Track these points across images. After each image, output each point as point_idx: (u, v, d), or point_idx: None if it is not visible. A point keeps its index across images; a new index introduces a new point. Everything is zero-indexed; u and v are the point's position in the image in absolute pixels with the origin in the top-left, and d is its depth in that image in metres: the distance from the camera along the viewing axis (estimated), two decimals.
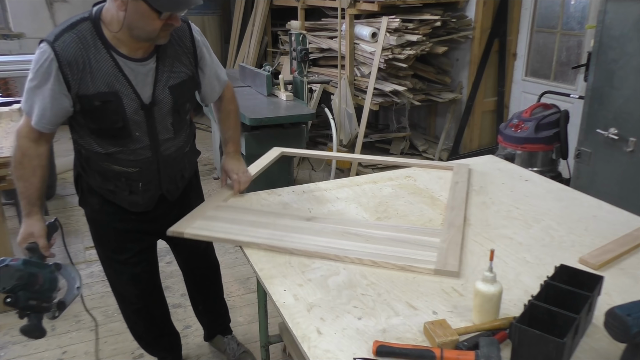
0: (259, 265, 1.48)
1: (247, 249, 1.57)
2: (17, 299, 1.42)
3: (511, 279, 1.40)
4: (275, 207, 1.86)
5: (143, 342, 2.25)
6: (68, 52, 1.52)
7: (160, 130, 1.72)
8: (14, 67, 4.54)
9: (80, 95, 1.56)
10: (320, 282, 1.39)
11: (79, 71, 1.54)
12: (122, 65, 1.59)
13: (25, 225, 1.65)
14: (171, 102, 1.70)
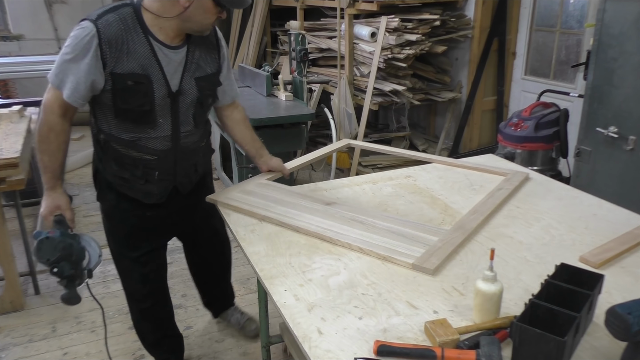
0: (260, 266, 1.48)
1: (247, 250, 1.57)
2: (62, 269, 1.48)
3: (512, 278, 1.40)
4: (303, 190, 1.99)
5: (146, 342, 2.27)
6: (109, 30, 1.58)
7: (182, 121, 1.78)
8: (14, 69, 4.54)
9: (115, 73, 1.61)
10: (320, 282, 1.39)
11: (117, 50, 1.59)
12: (157, 50, 1.66)
13: (50, 199, 1.70)
14: (196, 93, 1.77)
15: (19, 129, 2.87)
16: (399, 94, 4.33)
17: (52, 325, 2.70)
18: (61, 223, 1.61)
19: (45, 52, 6.11)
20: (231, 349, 2.53)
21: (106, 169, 1.82)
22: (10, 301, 2.78)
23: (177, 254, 3.41)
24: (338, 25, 4.60)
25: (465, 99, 4.61)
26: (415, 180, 2.13)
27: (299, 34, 3.71)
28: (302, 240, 1.62)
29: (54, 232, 1.52)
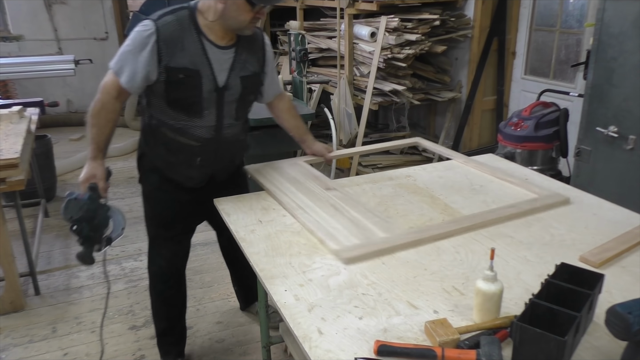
0: (260, 266, 1.48)
1: (247, 250, 1.57)
2: (81, 228, 1.64)
3: (512, 277, 1.40)
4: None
5: (158, 329, 2.36)
6: (167, 30, 1.79)
7: (225, 114, 1.96)
8: (14, 69, 4.53)
9: (169, 67, 1.81)
10: (320, 282, 1.39)
11: (172, 47, 1.80)
12: (208, 49, 1.85)
13: (90, 167, 1.86)
14: (240, 90, 1.95)
15: (19, 130, 2.86)
16: (398, 93, 4.33)
17: (52, 325, 2.70)
18: (94, 190, 1.75)
19: (45, 52, 6.11)
20: (231, 349, 2.53)
21: (153, 153, 2.03)
22: (11, 302, 2.78)
23: None
24: (338, 25, 4.60)
25: (465, 98, 4.61)
26: (415, 180, 2.13)
27: (299, 34, 3.71)
28: (302, 240, 1.62)
29: (84, 195, 1.68)
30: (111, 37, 6.68)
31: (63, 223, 3.86)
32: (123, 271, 3.20)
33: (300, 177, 2.08)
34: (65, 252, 3.45)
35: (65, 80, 6.39)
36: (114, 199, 4.27)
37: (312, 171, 2.16)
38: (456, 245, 1.59)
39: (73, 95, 6.63)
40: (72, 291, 3.00)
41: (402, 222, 1.74)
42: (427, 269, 1.46)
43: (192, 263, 3.26)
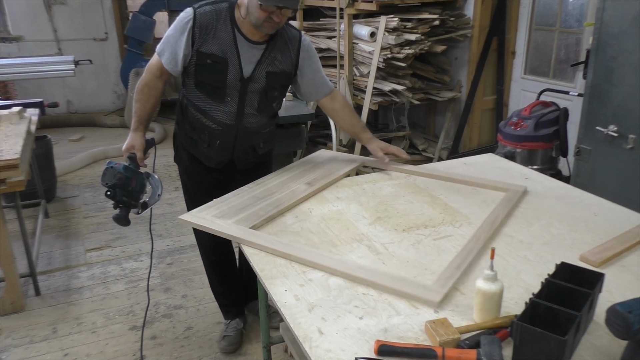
0: (260, 266, 1.48)
1: (248, 250, 1.58)
2: (114, 194, 1.79)
3: (512, 277, 1.40)
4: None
5: (216, 294, 2.58)
6: (203, 18, 1.96)
7: (247, 104, 2.08)
8: (13, 70, 4.54)
9: (200, 52, 1.97)
10: (321, 282, 1.39)
11: (205, 34, 1.96)
12: (239, 40, 1.99)
13: (131, 139, 2.03)
14: (264, 84, 2.06)
15: (18, 130, 2.86)
16: (398, 93, 4.33)
17: (52, 326, 2.70)
18: (132, 160, 1.92)
19: (44, 53, 6.12)
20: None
21: (181, 131, 2.20)
22: (11, 302, 2.78)
23: (177, 254, 3.41)
24: (337, 25, 4.60)
25: (465, 98, 4.61)
26: (415, 179, 2.13)
27: None
28: (302, 241, 1.62)
29: (120, 164, 1.83)
30: (111, 38, 6.69)
31: (63, 224, 3.87)
32: (123, 272, 3.20)
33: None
34: (65, 252, 3.45)
35: (65, 81, 6.40)
36: None
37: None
38: (456, 245, 1.59)
39: (73, 96, 6.64)
40: (72, 292, 3.00)
41: (402, 222, 1.74)
42: (427, 268, 1.46)
43: (192, 263, 3.27)
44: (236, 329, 2.55)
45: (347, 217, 1.79)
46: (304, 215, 1.81)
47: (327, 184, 2.06)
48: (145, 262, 3.30)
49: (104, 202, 4.21)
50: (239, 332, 2.56)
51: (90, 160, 5.12)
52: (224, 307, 2.59)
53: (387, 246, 1.58)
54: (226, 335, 2.52)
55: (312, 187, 2.00)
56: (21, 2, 6.06)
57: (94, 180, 4.70)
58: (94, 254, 3.42)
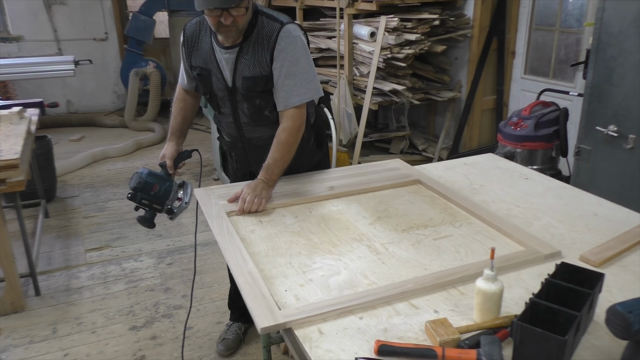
0: (260, 266, 1.48)
1: (248, 250, 1.57)
2: (134, 196, 1.85)
3: (512, 277, 1.40)
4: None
5: (231, 291, 2.60)
6: (189, 31, 2.02)
7: (240, 114, 2.05)
8: (13, 70, 4.54)
9: (191, 65, 2.04)
10: (321, 282, 1.39)
11: (191, 46, 2.01)
12: (216, 50, 1.95)
13: (164, 148, 2.08)
14: (245, 91, 1.96)
15: (18, 131, 2.87)
16: (398, 93, 4.33)
17: (52, 326, 2.70)
18: (162, 167, 1.97)
19: (44, 53, 6.12)
20: None
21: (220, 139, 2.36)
22: (11, 302, 2.78)
23: (177, 254, 3.41)
24: (337, 25, 4.60)
25: (465, 98, 4.61)
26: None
27: None
28: (302, 241, 1.62)
29: (146, 170, 1.89)
30: (111, 38, 6.69)
31: (63, 224, 3.87)
32: (123, 272, 3.20)
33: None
34: (65, 252, 3.45)
35: (65, 81, 6.40)
36: (114, 200, 4.27)
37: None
38: (456, 245, 1.59)
39: (73, 96, 6.64)
40: (72, 292, 3.00)
41: (402, 222, 1.74)
42: (427, 268, 1.46)
43: (192, 263, 3.27)
44: (235, 333, 2.55)
45: (347, 217, 1.79)
46: (303, 215, 1.81)
47: (349, 192, 1.95)
48: (145, 262, 3.30)
49: (104, 202, 4.21)
50: (238, 336, 2.55)
51: (90, 160, 5.13)
52: (232, 306, 2.60)
53: (387, 246, 1.58)
54: (225, 338, 2.53)
55: (332, 191, 1.95)
56: (21, 2, 6.06)
57: (94, 180, 4.70)
58: (94, 254, 3.41)
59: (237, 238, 1.59)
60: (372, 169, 2.20)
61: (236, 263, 1.45)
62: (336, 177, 2.10)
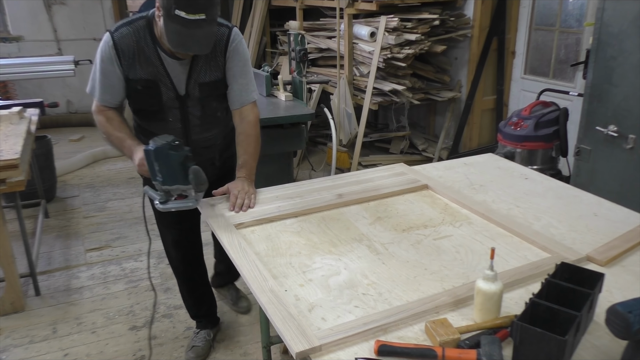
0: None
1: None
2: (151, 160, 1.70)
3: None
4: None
5: (186, 303, 2.52)
6: (123, 42, 1.81)
7: (191, 120, 1.98)
8: (13, 70, 4.53)
9: (128, 79, 1.86)
10: (321, 282, 1.39)
11: (129, 59, 1.82)
12: (164, 59, 1.85)
13: (136, 155, 1.83)
14: (199, 97, 1.94)
15: (18, 131, 2.86)
16: (398, 93, 4.33)
17: (52, 326, 2.70)
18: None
19: (44, 53, 6.11)
20: (232, 350, 2.53)
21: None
22: (11, 302, 2.78)
23: None
24: (337, 25, 4.60)
25: (465, 98, 4.61)
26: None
27: (299, 34, 3.71)
28: (302, 241, 1.62)
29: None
30: None
31: (63, 224, 3.87)
32: (123, 271, 3.20)
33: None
34: (65, 252, 3.45)
35: (65, 81, 6.39)
36: (114, 200, 4.27)
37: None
38: (456, 245, 1.59)
39: (73, 96, 6.63)
40: (72, 292, 3.00)
41: (402, 222, 1.74)
42: (427, 268, 1.46)
43: None
44: (205, 340, 2.50)
45: (347, 217, 1.79)
46: (303, 215, 1.80)
47: (358, 200, 1.90)
48: (146, 262, 3.30)
49: (104, 202, 4.21)
50: (208, 342, 2.51)
51: (90, 160, 5.13)
52: (195, 317, 2.55)
53: (387, 246, 1.58)
54: (195, 346, 2.46)
55: (341, 199, 1.89)
56: (21, 2, 6.06)
57: (94, 180, 4.70)
58: (94, 254, 3.41)
59: (252, 253, 1.52)
60: (379, 174, 2.14)
61: (255, 281, 1.38)
62: (343, 184, 2.03)
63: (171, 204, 1.75)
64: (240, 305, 2.80)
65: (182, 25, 1.65)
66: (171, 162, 1.67)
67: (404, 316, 1.23)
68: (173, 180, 1.70)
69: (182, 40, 1.69)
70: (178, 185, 1.72)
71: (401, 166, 2.25)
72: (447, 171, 2.21)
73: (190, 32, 1.67)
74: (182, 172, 1.69)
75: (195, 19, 1.65)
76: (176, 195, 1.76)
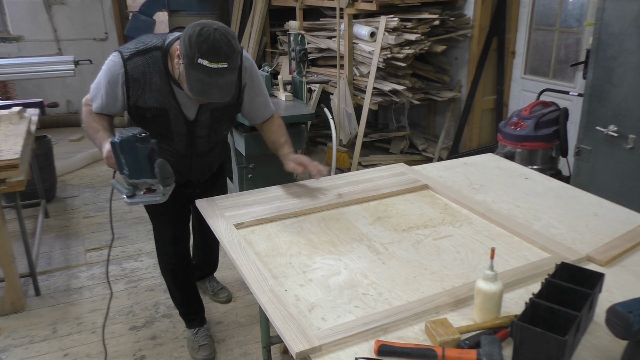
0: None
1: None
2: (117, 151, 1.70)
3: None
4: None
5: (176, 302, 2.55)
6: (136, 72, 1.84)
7: (198, 141, 2.06)
8: (13, 70, 4.53)
9: (137, 106, 1.90)
10: (321, 282, 1.39)
11: (140, 88, 1.86)
12: (176, 91, 1.90)
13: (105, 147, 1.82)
14: (209, 122, 2.02)
15: (18, 130, 2.86)
16: (398, 93, 4.33)
17: (52, 326, 2.70)
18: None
19: (44, 53, 6.11)
20: (232, 350, 2.53)
21: None
22: (11, 302, 2.78)
23: None
24: (337, 25, 4.60)
25: (465, 98, 4.61)
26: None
27: (299, 34, 3.70)
28: (302, 241, 1.62)
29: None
30: (111, 38, 6.68)
31: (63, 224, 3.87)
32: (123, 272, 3.20)
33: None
34: (65, 252, 3.45)
35: (64, 81, 6.39)
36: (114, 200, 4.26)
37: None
38: (456, 245, 1.59)
39: (73, 96, 6.63)
40: (72, 292, 3.00)
41: (402, 222, 1.74)
42: (427, 268, 1.46)
43: None
44: (207, 336, 2.52)
45: (347, 217, 1.79)
46: (303, 215, 1.80)
47: (358, 200, 1.91)
48: (145, 262, 3.30)
49: (104, 202, 4.21)
50: (211, 338, 2.54)
51: (90, 160, 5.12)
52: (186, 315, 2.55)
53: (387, 246, 1.58)
54: (203, 345, 2.47)
55: (341, 199, 1.90)
56: (21, 2, 6.06)
57: (94, 180, 4.70)
58: (94, 254, 3.41)
59: (252, 253, 1.52)
60: (379, 174, 2.15)
61: (255, 281, 1.38)
62: (343, 184, 2.04)
63: (138, 198, 1.73)
64: (222, 295, 2.89)
65: (205, 74, 1.67)
66: (137, 155, 1.65)
67: (404, 316, 1.23)
68: (139, 173, 1.68)
69: (204, 88, 1.71)
70: (144, 179, 1.70)
71: (401, 166, 2.25)
72: (447, 171, 2.21)
73: (213, 81, 1.69)
74: (148, 165, 1.67)
75: (218, 68, 1.67)
76: (144, 189, 1.73)
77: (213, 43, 1.64)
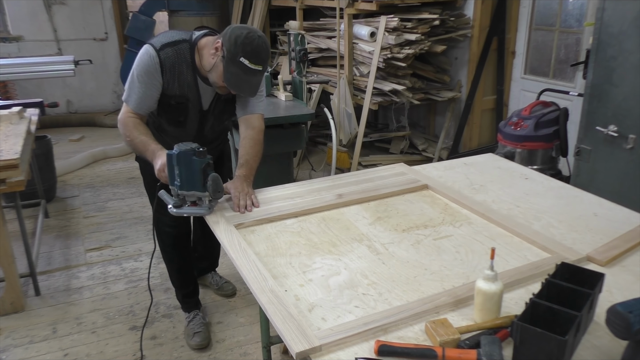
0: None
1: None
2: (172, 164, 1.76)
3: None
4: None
5: (175, 284, 2.65)
6: (167, 61, 2.00)
7: (205, 127, 2.24)
8: (13, 70, 4.53)
9: (164, 94, 2.06)
10: (321, 282, 1.39)
11: (169, 77, 2.02)
12: (199, 82, 2.08)
13: (159, 159, 1.91)
14: (218, 112, 2.21)
15: (18, 130, 2.86)
16: (398, 93, 4.33)
17: (52, 326, 2.70)
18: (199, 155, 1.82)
19: (44, 53, 6.11)
20: (232, 350, 2.53)
21: None
22: (11, 302, 2.78)
23: None
24: (337, 25, 4.60)
25: (465, 98, 4.61)
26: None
27: (298, 34, 3.70)
28: (302, 241, 1.62)
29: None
30: (111, 38, 6.69)
31: (63, 224, 3.87)
32: (123, 272, 3.20)
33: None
34: (65, 252, 3.45)
35: (65, 81, 6.39)
36: (114, 199, 4.27)
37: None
38: (456, 245, 1.59)
39: (73, 96, 6.63)
40: (72, 292, 3.00)
41: (402, 222, 1.74)
42: (428, 268, 1.46)
43: None
44: (203, 324, 2.59)
45: (347, 217, 1.79)
46: (303, 215, 1.80)
47: (358, 200, 1.90)
48: (145, 262, 3.30)
49: (104, 202, 4.21)
50: (206, 326, 2.62)
51: (90, 160, 5.13)
52: (185, 297, 2.65)
53: (387, 246, 1.58)
54: (197, 332, 2.54)
55: (341, 199, 1.89)
56: (21, 2, 6.06)
57: (94, 180, 4.70)
58: (94, 254, 3.41)
59: (252, 253, 1.52)
60: (379, 174, 2.16)
61: (255, 281, 1.38)
62: (343, 184, 2.04)
63: (184, 210, 1.79)
64: (226, 289, 2.94)
65: (243, 71, 1.88)
66: (193, 168, 1.72)
67: (404, 316, 1.23)
68: (191, 185, 1.74)
69: (239, 83, 1.92)
70: (194, 192, 1.76)
71: (401, 166, 2.25)
72: (447, 171, 2.21)
73: (247, 78, 1.91)
74: (201, 178, 1.73)
75: (255, 69, 1.89)
76: (190, 202, 1.79)
77: (257, 48, 1.87)
